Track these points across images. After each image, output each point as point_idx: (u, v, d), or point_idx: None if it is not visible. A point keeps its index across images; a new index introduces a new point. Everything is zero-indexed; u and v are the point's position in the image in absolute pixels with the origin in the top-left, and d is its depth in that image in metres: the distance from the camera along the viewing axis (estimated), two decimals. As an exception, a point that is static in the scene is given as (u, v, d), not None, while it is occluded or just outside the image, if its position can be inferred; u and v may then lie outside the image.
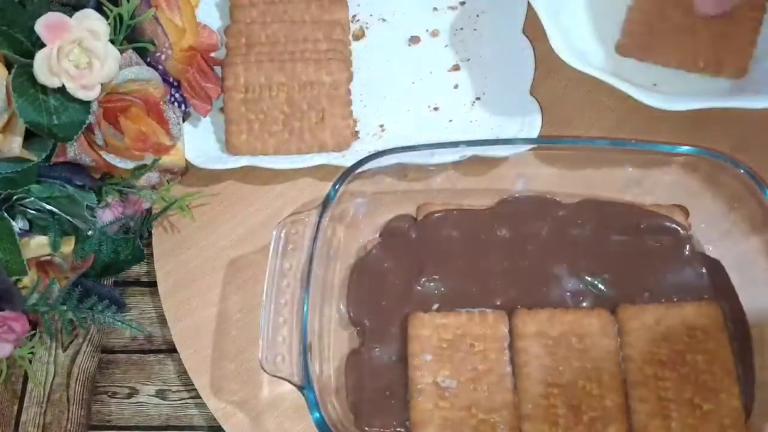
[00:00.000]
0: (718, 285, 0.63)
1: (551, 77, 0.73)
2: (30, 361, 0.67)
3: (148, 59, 0.65)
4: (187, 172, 0.71)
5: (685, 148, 0.64)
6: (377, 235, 0.67)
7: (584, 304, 0.63)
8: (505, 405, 0.59)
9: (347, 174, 0.63)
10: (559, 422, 0.58)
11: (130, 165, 0.63)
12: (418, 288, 0.64)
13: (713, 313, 0.61)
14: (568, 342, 0.60)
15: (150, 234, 0.71)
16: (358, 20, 0.78)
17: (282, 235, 0.63)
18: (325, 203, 0.62)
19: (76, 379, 0.70)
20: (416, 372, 0.60)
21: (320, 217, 0.61)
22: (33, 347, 0.60)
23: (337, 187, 0.62)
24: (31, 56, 0.55)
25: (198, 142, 0.71)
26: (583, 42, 0.71)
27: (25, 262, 0.58)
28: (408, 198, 0.68)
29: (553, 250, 0.65)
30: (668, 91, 0.69)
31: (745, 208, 0.63)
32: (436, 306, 0.64)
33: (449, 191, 0.68)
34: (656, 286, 0.63)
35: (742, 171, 0.62)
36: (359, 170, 0.63)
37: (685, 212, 0.65)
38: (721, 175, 0.63)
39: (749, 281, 0.63)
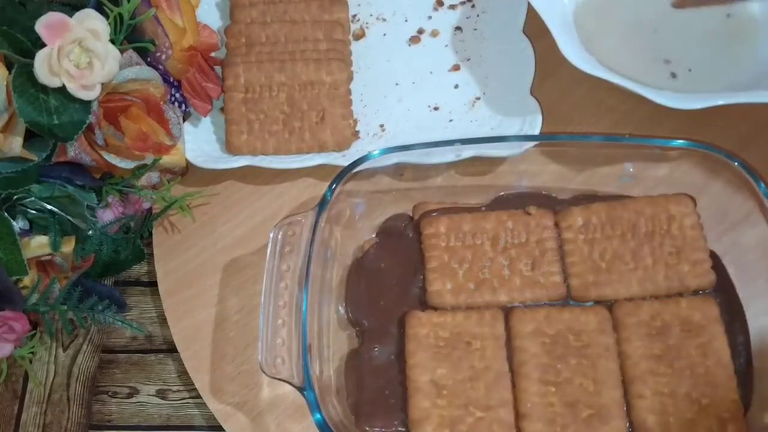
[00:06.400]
0: (716, 278, 0.62)
1: (551, 77, 0.73)
2: (30, 361, 0.68)
3: (149, 59, 0.65)
4: (187, 172, 0.71)
5: (679, 142, 0.64)
6: (374, 235, 0.67)
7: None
8: (503, 403, 0.58)
9: (343, 174, 0.63)
10: (557, 420, 0.58)
11: (130, 165, 0.63)
12: (416, 287, 0.64)
13: (708, 306, 0.60)
14: (565, 340, 0.60)
15: (150, 234, 0.71)
16: (358, 20, 0.78)
17: (279, 237, 0.63)
18: (322, 204, 0.62)
19: (77, 379, 0.70)
20: (413, 370, 0.60)
21: (317, 218, 0.61)
22: (33, 347, 0.60)
23: (333, 187, 0.62)
24: (32, 56, 0.55)
25: (198, 142, 0.71)
26: (585, 41, 0.71)
27: (25, 262, 0.58)
28: (405, 198, 0.68)
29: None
30: (681, 86, 0.69)
31: (741, 202, 0.63)
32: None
33: (446, 190, 0.68)
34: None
35: (736, 164, 0.62)
36: (355, 170, 0.63)
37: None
38: (717, 170, 0.64)
39: (747, 274, 0.63)
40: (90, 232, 0.64)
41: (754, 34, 0.72)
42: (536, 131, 0.69)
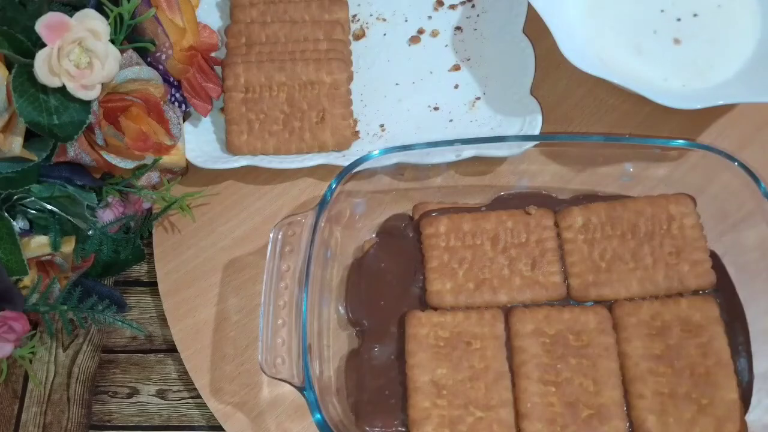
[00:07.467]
0: (716, 278, 0.62)
1: (551, 77, 0.73)
2: (30, 361, 0.68)
3: (149, 59, 0.65)
4: (187, 172, 0.71)
5: (679, 142, 0.64)
6: (374, 235, 0.67)
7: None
8: (503, 403, 0.59)
9: (343, 174, 0.63)
10: (557, 420, 0.58)
11: (130, 165, 0.63)
12: (416, 287, 0.64)
13: (708, 306, 0.61)
14: (565, 340, 0.60)
15: (150, 234, 0.71)
16: (358, 20, 0.78)
17: (279, 237, 0.63)
18: (322, 204, 0.62)
19: (77, 379, 0.70)
20: (413, 370, 0.60)
21: (317, 218, 0.61)
22: (33, 347, 0.60)
23: (333, 187, 0.62)
24: (32, 56, 0.55)
25: (198, 142, 0.71)
26: (586, 41, 0.71)
27: (25, 262, 0.58)
28: (405, 198, 0.68)
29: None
30: (679, 88, 0.69)
31: (740, 202, 0.63)
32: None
33: (446, 190, 0.69)
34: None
35: (736, 164, 0.62)
36: (355, 170, 0.63)
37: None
38: (717, 170, 0.64)
39: (747, 274, 0.63)
40: (90, 232, 0.64)
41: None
42: (536, 131, 0.69)
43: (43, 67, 0.55)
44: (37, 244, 0.60)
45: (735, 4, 0.72)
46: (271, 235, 0.63)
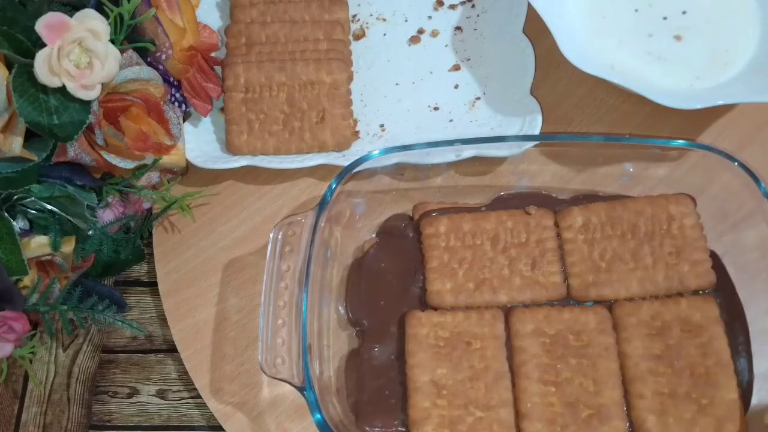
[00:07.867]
0: (716, 278, 0.62)
1: (551, 77, 0.73)
2: (30, 361, 0.68)
3: (149, 59, 0.65)
4: (187, 172, 0.71)
5: (679, 142, 0.64)
6: (374, 235, 0.67)
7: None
8: (503, 403, 0.59)
9: (343, 174, 0.63)
10: (557, 420, 0.58)
11: (130, 165, 0.63)
12: (416, 287, 0.64)
13: (708, 306, 0.61)
14: (565, 340, 0.60)
15: (150, 234, 0.71)
16: (358, 20, 0.78)
17: (279, 237, 0.63)
18: (322, 204, 0.62)
19: (77, 379, 0.70)
20: (413, 370, 0.60)
21: (317, 218, 0.61)
22: (33, 347, 0.60)
23: (333, 187, 0.62)
24: (32, 56, 0.55)
25: (198, 142, 0.71)
26: (586, 41, 0.71)
27: (25, 262, 0.58)
28: (405, 198, 0.68)
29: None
30: (679, 87, 0.69)
31: (740, 202, 0.63)
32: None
33: (446, 190, 0.69)
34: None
35: (736, 164, 0.62)
36: (355, 170, 0.63)
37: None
38: (717, 170, 0.64)
39: (747, 274, 0.63)
40: (90, 232, 0.64)
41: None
42: (536, 131, 0.69)
43: (43, 67, 0.55)
44: (37, 244, 0.60)
45: (734, 4, 0.72)
46: (271, 235, 0.63)
